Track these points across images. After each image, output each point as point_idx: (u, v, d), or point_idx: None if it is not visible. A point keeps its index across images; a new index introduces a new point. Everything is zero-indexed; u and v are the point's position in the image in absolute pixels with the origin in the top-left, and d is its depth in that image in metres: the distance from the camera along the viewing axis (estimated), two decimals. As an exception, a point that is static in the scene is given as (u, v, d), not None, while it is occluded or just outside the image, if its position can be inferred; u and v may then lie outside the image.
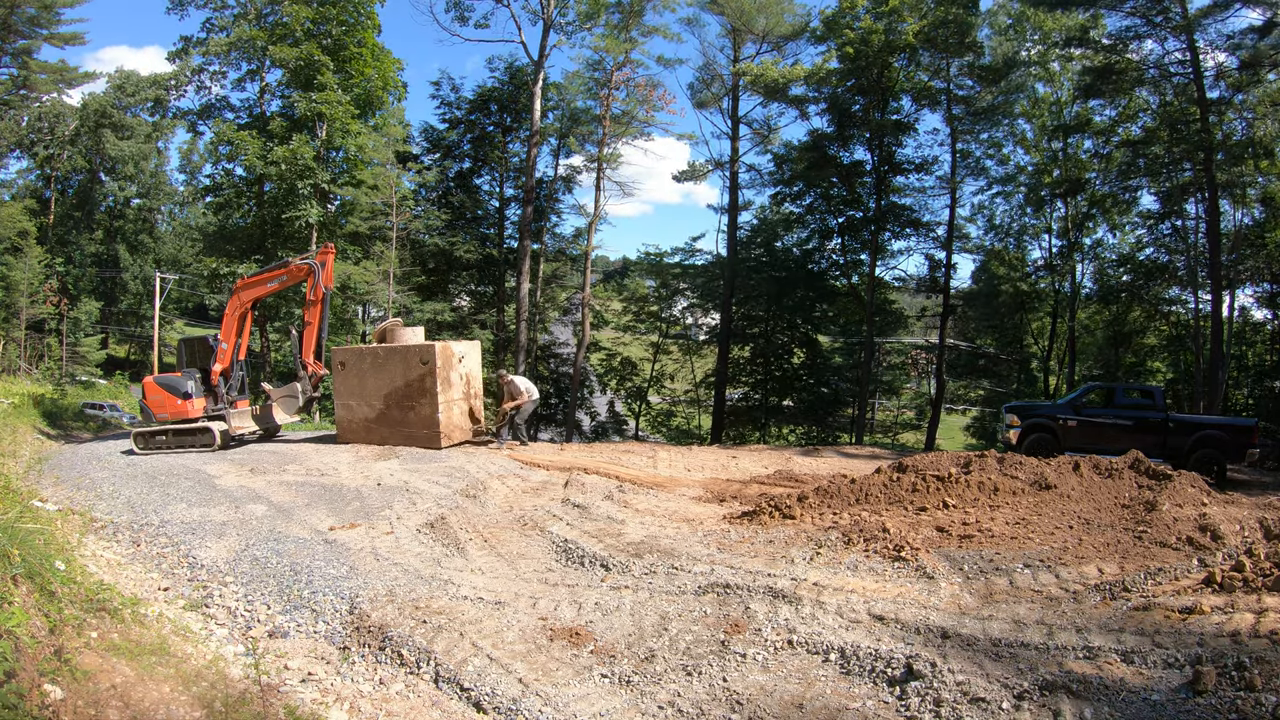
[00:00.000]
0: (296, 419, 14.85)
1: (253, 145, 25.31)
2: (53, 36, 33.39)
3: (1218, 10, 18.34)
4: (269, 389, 13.46)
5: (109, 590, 4.82)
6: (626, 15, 26.44)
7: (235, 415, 12.59)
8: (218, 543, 6.89)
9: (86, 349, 42.18)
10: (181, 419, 12.15)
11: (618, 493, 8.92)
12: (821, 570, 5.63)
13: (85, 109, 43.68)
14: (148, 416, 12.31)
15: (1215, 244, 19.59)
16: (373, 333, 16.70)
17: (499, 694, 4.20)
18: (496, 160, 31.33)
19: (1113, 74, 20.62)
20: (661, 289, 32.81)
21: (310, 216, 25.10)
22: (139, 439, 12.04)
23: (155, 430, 12.10)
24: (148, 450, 11.89)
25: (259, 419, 13.08)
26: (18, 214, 37.92)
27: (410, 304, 28.16)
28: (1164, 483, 6.97)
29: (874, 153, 26.50)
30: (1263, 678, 3.68)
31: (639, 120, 28.24)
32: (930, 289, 28.82)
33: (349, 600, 5.58)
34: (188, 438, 12.08)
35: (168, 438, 12.09)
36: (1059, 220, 27.58)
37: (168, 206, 51.85)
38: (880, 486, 7.51)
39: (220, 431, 12.01)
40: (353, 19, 26.81)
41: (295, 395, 12.54)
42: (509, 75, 30.04)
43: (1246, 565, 4.96)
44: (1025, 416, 13.11)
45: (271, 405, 12.92)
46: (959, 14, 23.28)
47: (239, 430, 12.53)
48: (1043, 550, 5.73)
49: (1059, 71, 26.09)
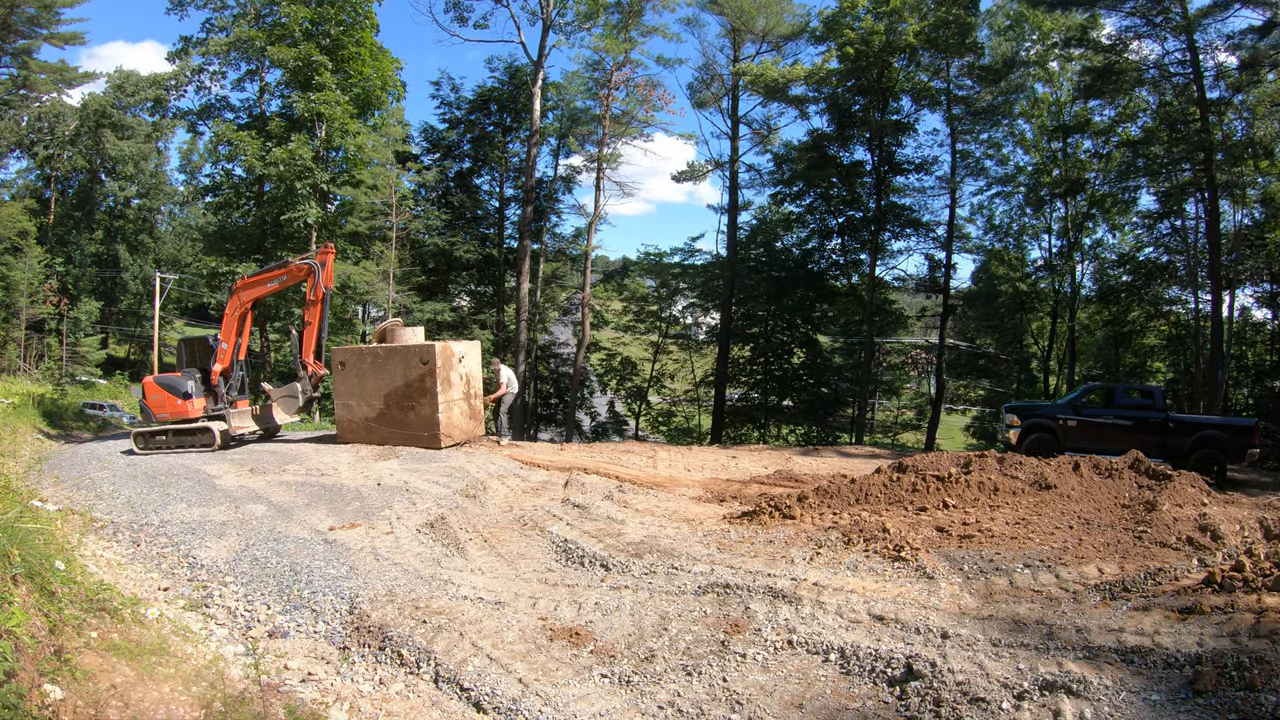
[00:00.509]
0: (296, 419, 14.85)
1: (252, 145, 25.32)
2: (53, 36, 33.41)
3: (1218, 10, 18.36)
4: (269, 389, 13.46)
5: (109, 590, 4.82)
6: (626, 15, 26.45)
7: (235, 415, 12.59)
8: (218, 543, 6.89)
9: (86, 349, 42.20)
10: (181, 419, 12.14)
11: (618, 493, 8.92)
12: (821, 570, 5.63)
13: (85, 109, 43.70)
14: (148, 416, 12.30)
15: (1215, 244, 19.60)
16: (373, 333, 16.70)
17: (499, 694, 4.20)
18: (496, 160, 31.35)
19: (1112, 74, 20.63)
20: (661, 289, 32.82)
21: (310, 216, 25.11)
22: (139, 439, 12.03)
23: (155, 430, 12.10)
24: (148, 450, 11.88)
25: (259, 419, 13.08)
26: (18, 214, 37.93)
27: (410, 304, 28.16)
28: (1164, 483, 6.97)
29: (874, 153, 26.52)
30: (1263, 678, 3.68)
31: (639, 120, 28.28)
32: (930, 289, 28.84)
33: (349, 600, 5.57)
34: (188, 438, 12.08)
35: (168, 438, 12.09)
36: (1059, 220, 27.62)
37: (168, 206, 51.89)
38: (880, 486, 7.51)
39: (220, 431, 12.00)
40: (351, 18, 26.82)
41: (295, 395, 12.53)
42: (508, 75, 30.07)
43: (1246, 565, 4.96)
44: (1025, 416, 13.11)
45: (271, 405, 12.92)
46: (959, 14, 23.31)
47: (239, 430, 12.52)
48: (1043, 550, 5.73)
49: (1058, 72, 26.13)
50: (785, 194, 29.66)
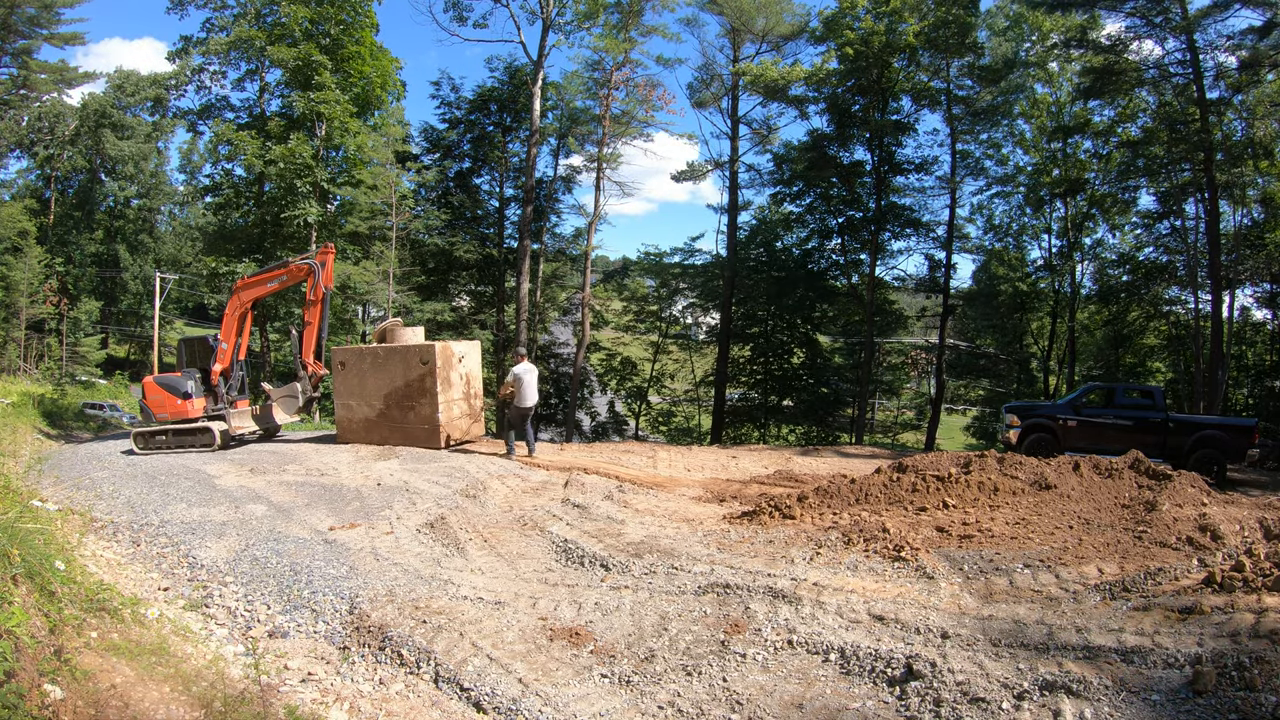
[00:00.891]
0: (296, 419, 14.84)
1: (251, 145, 25.31)
2: (53, 36, 33.39)
3: (1217, 10, 18.35)
4: (269, 389, 13.44)
5: (109, 590, 4.82)
6: (625, 15, 26.42)
7: (235, 415, 12.58)
8: (218, 543, 6.89)
9: (86, 349, 42.22)
10: (181, 419, 12.14)
11: (617, 493, 8.92)
12: (821, 570, 5.63)
13: (85, 109, 43.70)
14: (148, 416, 12.30)
15: (1215, 244, 19.60)
16: (373, 333, 16.69)
17: (499, 694, 4.20)
18: (496, 160, 31.33)
19: (1112, 74, 20.63)
20: (661, 289, 32.81)
21: (310, 216, 25.10)
22: (139, 439, 12.03)
23: (155, 430, 12.10)
24: (148, 450, 11.88)
25: (259, 419, 13.07)
26: (18, 214, 37.93)
27: (410, 304, 28.16)
28: (1164, 483, 6.97)
29: (874, 153, 26.50)
30: (1263, 678, 3.68)
31: (639, 120, 28.23)
32: (930, 289, 28.83)
33: (349, 600, 5.57)
34: (188, 437, 12.07)
35: (168, 438, 12.08)
36: (1059, 220, 27.61)
37: (168, 206, 51.91)
38: (880, 486, 7.51)
39: (220, 431, 12.00)
40: (350, 18, 26.81)
41: (295, 395, 12.52)
42: (508, 75, 30.04)
43: (1246, 565, 4.96)
44: (1025, 416, 13.11)
45: (272, 405, 12.91)
46: (959, 14, 23.29)
47: (239, 430, 12.52)
48: (1043, 550, 5.73)
49: (1058, 72, 26.12)
50: (785, 194, 29.63)
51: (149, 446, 11.97)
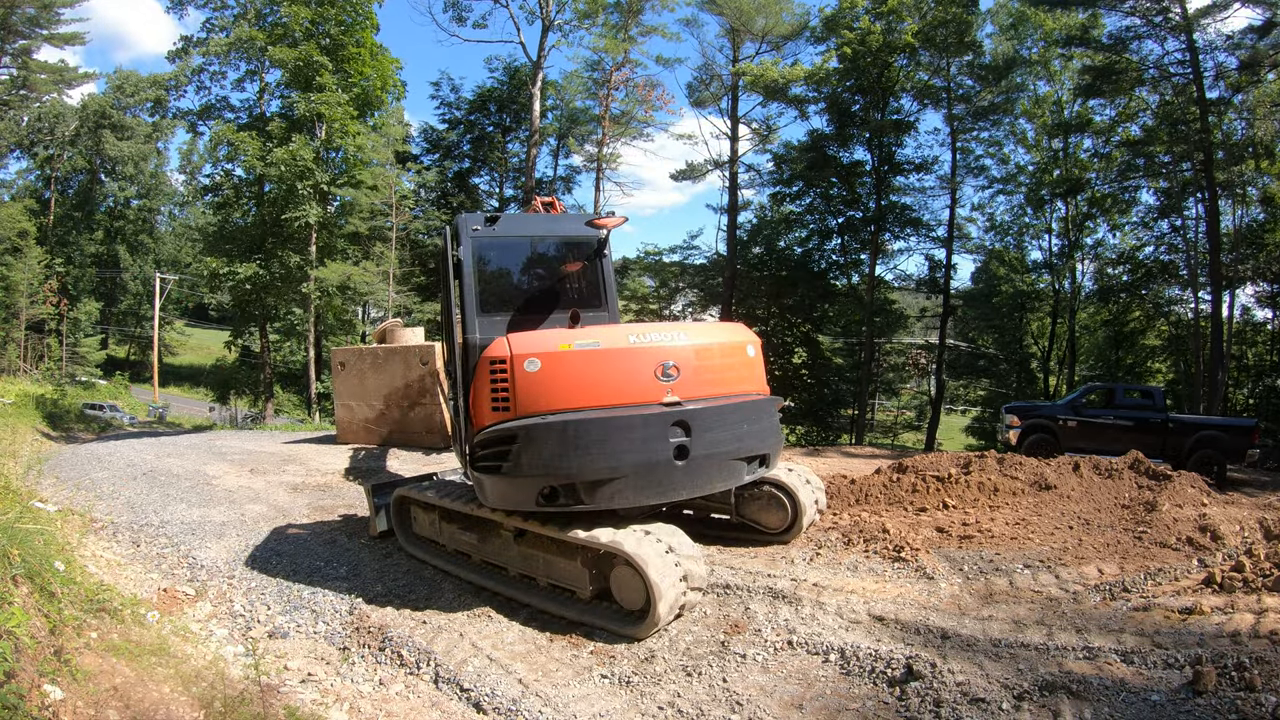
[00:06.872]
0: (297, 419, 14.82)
1: (252, 146, 25.31)
2: (52, 36, 33.35)
3: (1217, 10, 18.37)
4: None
5: (109, 591, 4.82)
6: (625, 15, 26.44)
7: None
8: (218, 543, 6.89)
9: (86, 349, 42.25)
10: None
11: (618, 493, 8.89)
12: (821, 571, 5.63)
13: (85, 109, 43.73)
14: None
15: (1215, 244, 19.61)
16: (373, 333, 16.69)
17: (499, 694, 4.20)
18: (496, 160, 31.37)
19: (1113, 74, 20.64)
20: (661, 288, 32.82)
21: (310, 216, 25.10)
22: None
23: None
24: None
25: None
26: (18, 214, 37.94)
27: (410, 304, 28.15)
28: (1164, 483, 6.97)
29: (874, 153, 26.50)
30: (1263, 678, 3.68)
31: (638, 120, 28.27)
32: (930, 289, 28.83)
33: (349, 600, 5.58)
34: None
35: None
36: (1059, 220, 27.62)
37: (168, 207, 51.90)
38: (880, 487, 7.51)
39: None
40: (351, 19, 26.81)
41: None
42: (508, 75, 30.07)
43: (1246, 565, 4.96)
44: (1025, 417, 13.11)
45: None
46: (958, 14, 23.28)
47: None
48: (1043, 550, 5.73)
49: (1059, 71, 26.11)
50: (785, 194, 29.64)
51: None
